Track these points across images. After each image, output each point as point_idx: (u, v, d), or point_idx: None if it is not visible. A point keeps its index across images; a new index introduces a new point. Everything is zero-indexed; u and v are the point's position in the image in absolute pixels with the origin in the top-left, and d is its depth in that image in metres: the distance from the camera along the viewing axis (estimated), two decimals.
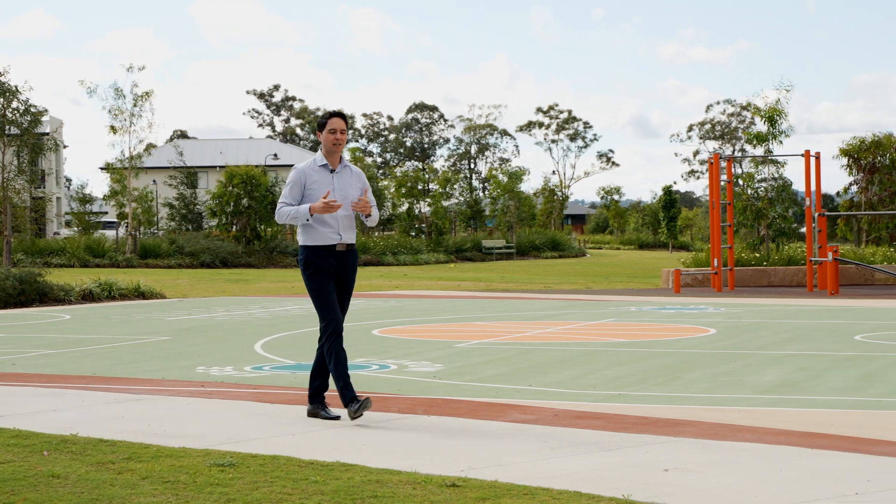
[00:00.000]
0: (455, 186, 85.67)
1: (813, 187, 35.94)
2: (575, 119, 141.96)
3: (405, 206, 77.91)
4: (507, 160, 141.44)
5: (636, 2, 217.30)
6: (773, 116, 40.46)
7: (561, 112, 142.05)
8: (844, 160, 47.47)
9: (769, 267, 38.12)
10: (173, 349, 17.95)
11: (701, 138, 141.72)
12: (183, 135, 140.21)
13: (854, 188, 48.56)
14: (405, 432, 10.17)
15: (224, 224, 61.30)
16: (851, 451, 9.13)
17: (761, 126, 41.11)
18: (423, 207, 77.95)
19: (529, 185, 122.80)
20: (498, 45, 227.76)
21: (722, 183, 36.90)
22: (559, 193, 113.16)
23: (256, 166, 65.92)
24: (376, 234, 78.42)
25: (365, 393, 12.68)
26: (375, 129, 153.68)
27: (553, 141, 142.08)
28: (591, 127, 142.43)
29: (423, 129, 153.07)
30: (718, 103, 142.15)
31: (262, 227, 61.15)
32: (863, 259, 38.38)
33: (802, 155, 36.11)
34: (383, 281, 43.81)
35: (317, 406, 10.98)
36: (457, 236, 79.53)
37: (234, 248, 58.39)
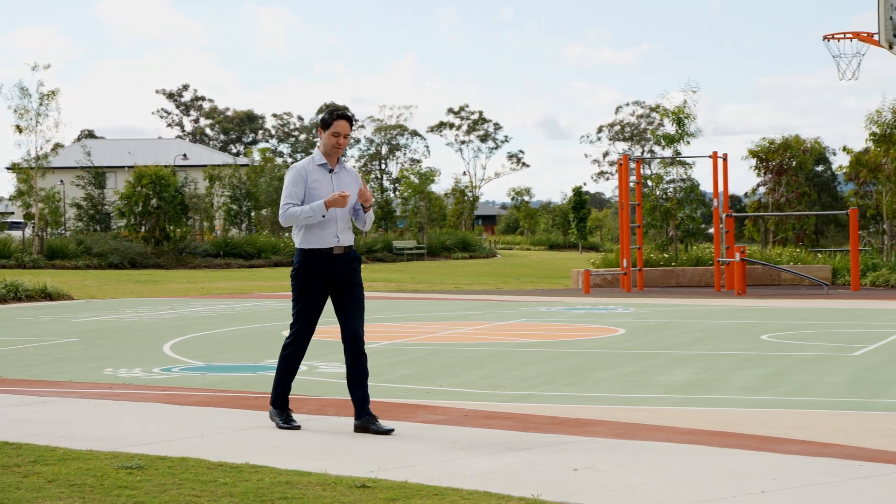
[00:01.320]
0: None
1: (721, 188, 36.32)
2: (485, 120, 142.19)
3: None
4: (418, 161, 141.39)
5: (542, 3, 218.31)
6: (680, 118, 40.83)
7: (472, 113, 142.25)
8: (753, 161, 48.01)
9: (678, 267, 38.46)
10: (81, 351, 17.77)
11: (610, 139, 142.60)
12: (90, 134, 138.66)
13: (762, 189, 49.14)
14: (315, 433, 10.14)
15: (133, 225, 60.81)
16: (758, 450, 9.22)
17: (670, 128, 41.49)
18: None
19: (440, 186, 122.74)
20: (406, 45, 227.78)
21: (631, 184, 37.17)
22: (470, 194, 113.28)
23: (165, 166, 65.50)
24: (287, 234, 78.13)
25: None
26: (286, 130, 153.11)
27: (463, 142, 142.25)
28: (501, 128, 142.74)
29: None
30: (627, 105, 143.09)
31: (171, 227, 60.75)
32: (769, 259, 38.83)
33: (710, 156, 36.47)
34: None
35: (366, 419, 10.27)
36: (367, 237, 79.44)
37: (142, 248, 57.98)
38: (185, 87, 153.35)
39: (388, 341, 18.80)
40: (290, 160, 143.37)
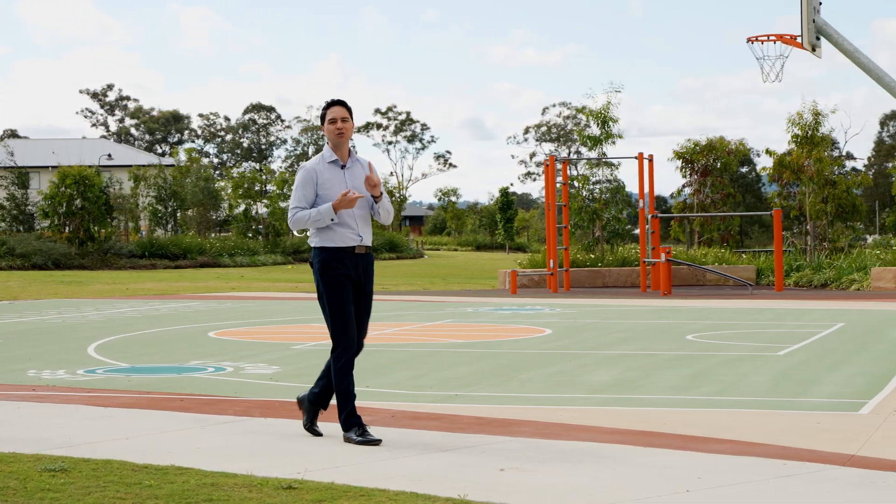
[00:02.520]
0: (292, 187, 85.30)
1: (646, 189, 36.52)
2: (412, 121, 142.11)
3: (242, 208, 77.43)
4: None
5: (466, 3, 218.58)
6: (604, 119, 41.01)
7: (399, 113, 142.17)
8: (678, 163, 48.32)
9: (604, 268, 38.63)
10: (3, 353, 17.58)
11: (537, 140, 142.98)
12: (13, 134, 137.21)
13: (687, 190, 49.48)
14: (241, 435, 10.10)
15: (57, 225, 60.21)
16: (683, 449, 9.29)
17: (595, 129, 41.65)
18: (261, 209, 77.49)
19: None
20: (330, 45, 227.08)
21: (557, 185, 37.30)
22: (397, 195, 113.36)
23: (90, 167, 64.88)
24: (213, 235, 77.73)
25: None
26: (212, 130, 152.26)
27: (391, 142, 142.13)
28: (428, 128, 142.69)
29: (260, 129, 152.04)
30: (554, 106, 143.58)
31: (96, 228, 60.22)
32: (694, 260, 39.10)
33: (636, 157, 36.65)
34: (220, 282, 43.43)
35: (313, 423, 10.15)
36: (294, 238, 79.19)
37: (66, 249, 57.43)
38: (110, 87, 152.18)
39: (314, 342, 18.74)
40: (216, 161, 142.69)
